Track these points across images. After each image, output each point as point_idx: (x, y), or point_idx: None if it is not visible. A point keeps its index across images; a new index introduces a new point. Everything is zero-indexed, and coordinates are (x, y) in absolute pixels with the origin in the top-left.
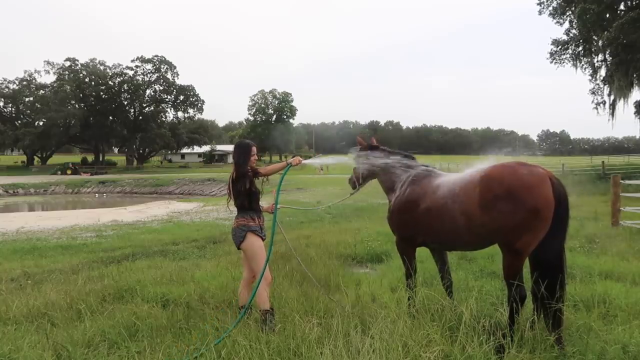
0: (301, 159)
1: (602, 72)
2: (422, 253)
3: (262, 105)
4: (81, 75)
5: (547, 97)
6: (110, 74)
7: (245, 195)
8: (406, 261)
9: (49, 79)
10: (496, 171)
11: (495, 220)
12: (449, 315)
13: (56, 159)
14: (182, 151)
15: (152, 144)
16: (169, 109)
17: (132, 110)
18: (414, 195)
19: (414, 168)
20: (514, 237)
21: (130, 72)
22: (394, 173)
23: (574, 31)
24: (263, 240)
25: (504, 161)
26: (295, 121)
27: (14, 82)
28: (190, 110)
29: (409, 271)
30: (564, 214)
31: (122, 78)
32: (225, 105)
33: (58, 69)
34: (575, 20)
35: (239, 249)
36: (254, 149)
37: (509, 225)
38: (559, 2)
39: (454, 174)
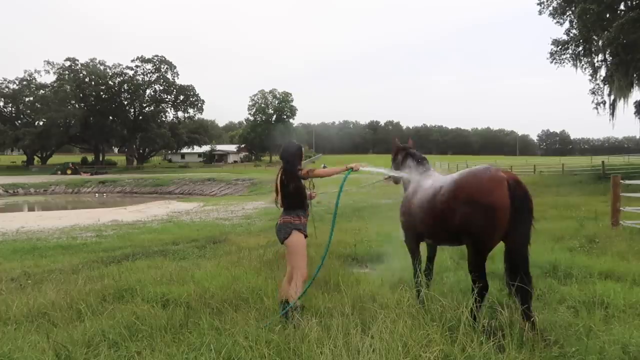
0: (360, 166)
1: (602, 72)
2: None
3: (262, 105)
4: (81, 75)
5: (547, 97)
6: (110, 74)
7: (294, 195)
8: (410, 255)
9: (49, 78)
10: (462, 177)
11: (459, 220)
12: (449, 315)
13: (56, 159)
14: (182, 151)
15: (152, 144)
16: (169, 109)
17: (132, 110)
18: (410, 193)
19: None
20: (473, 235)
21: (130, 72)
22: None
23: (574, 31)
24: (305, 237)
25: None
26: (295, 121)
27: (14, 82)
28: (190, 110)
29: (414, 266)
30: (520, 215)
31: (122, 78)
32: (225, 105)
33: (58, 68)
34: (575, 20)
35: (282, 243)
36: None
37: (468, 225)
38: (559, 2)
39: (440, 176)
